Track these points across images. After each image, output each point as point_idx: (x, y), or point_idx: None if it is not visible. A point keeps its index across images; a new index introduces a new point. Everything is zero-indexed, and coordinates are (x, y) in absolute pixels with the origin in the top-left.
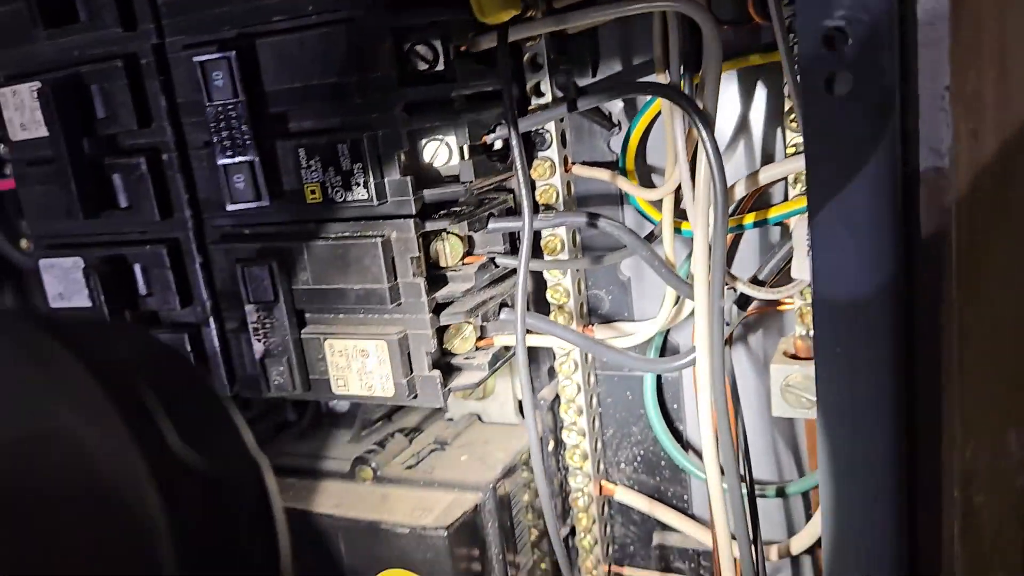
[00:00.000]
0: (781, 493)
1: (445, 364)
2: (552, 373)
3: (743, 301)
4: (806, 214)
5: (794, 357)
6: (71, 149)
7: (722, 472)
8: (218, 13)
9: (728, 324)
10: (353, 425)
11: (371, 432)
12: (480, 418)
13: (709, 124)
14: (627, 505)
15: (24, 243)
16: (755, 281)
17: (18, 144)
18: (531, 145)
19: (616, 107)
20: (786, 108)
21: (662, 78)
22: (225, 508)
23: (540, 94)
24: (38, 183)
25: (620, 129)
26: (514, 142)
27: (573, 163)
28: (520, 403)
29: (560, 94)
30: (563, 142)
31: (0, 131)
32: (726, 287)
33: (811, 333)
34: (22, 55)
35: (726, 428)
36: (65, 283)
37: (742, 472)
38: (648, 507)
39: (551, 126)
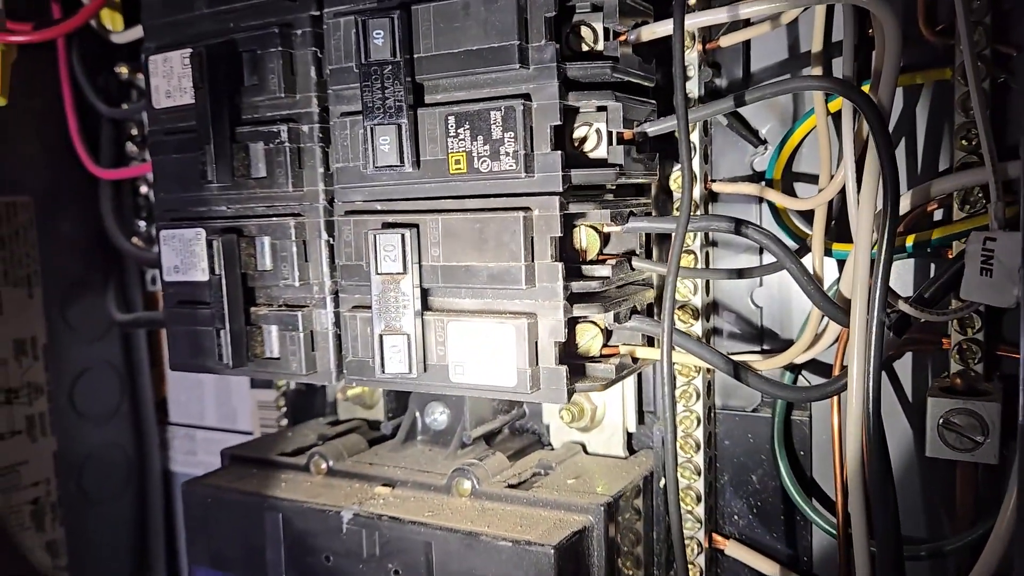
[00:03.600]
0: (935, 553)
1: (570, 363)
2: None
3: (899, 327)
4: (982, 231)
5: (953, 392)
6: (214, 113)
7: (870, 531)
8: None
9: None
10: (450, 444)
11: (468, 452)
12: (585, 449)
13: (884, 124)
14: (739, 562)
15: (136, 240)
16: (918, 303)
17: (159, 112)
18: (669, 155)
19: (766, 125)
20: (956, 124)
21: None
22: None
23: (688, 104)
24: (173, 151)
25: (767, 148)
26: (681, 128)
27: (713, 180)
28: (630, 436)
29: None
30: (705, 157)
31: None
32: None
33: (972, 371)
34: (179, 24)
35: (877, 476)
36: (183, 255)
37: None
38: (766, 566)
39: (695, 137)
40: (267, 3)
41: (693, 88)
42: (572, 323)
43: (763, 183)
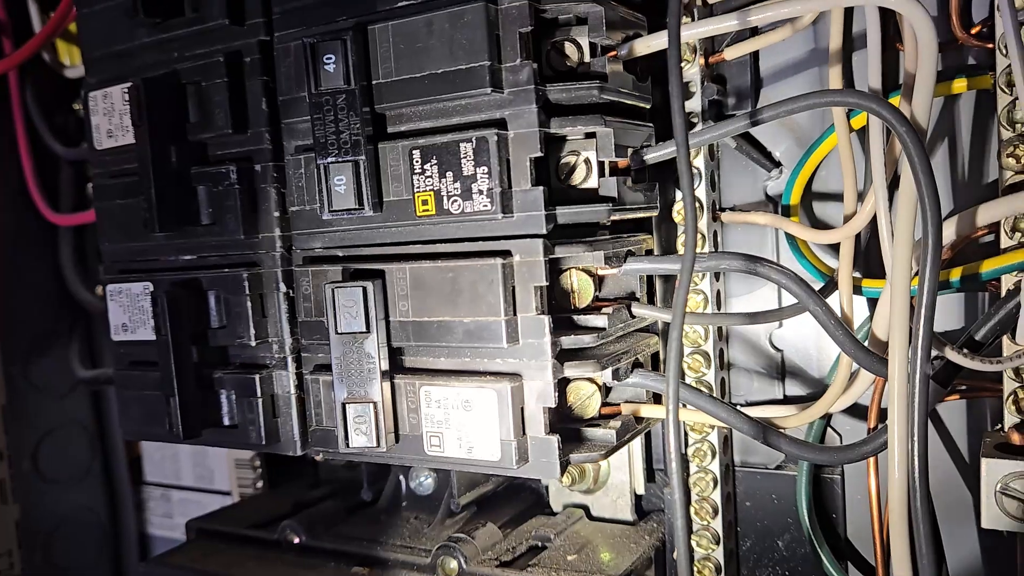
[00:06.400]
0: None
1: (563, 430)
2: (683, 463)
3: (944, 376)
4: None
5: (1010, 450)
6: (156, 154)
7: None
8: (335, 0)
9: None
10: (437, 512)
11: (457, 522)
12: (588, 513)
13: (921, 142)
14: None
15: (99, 290)
16: (967, 348)
17: (101, 154)
18: (673, 182)
19: (781, 146)
20: (1004, 138)
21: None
22: None
23: (690, 126)
24: (117, 197)
25: (781, 172)
26: (681, 155)
27: (722, 210)
28: (639, 499)
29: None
30: (712, 184)
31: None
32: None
33: None
34: (120, 56)
35: (931, 546)
36: (131, 312)
37: None
38: None
39: (699, 162)
40: (212, 29)
41: (696, 107)
42: (563, 384)
43: (780, 210)
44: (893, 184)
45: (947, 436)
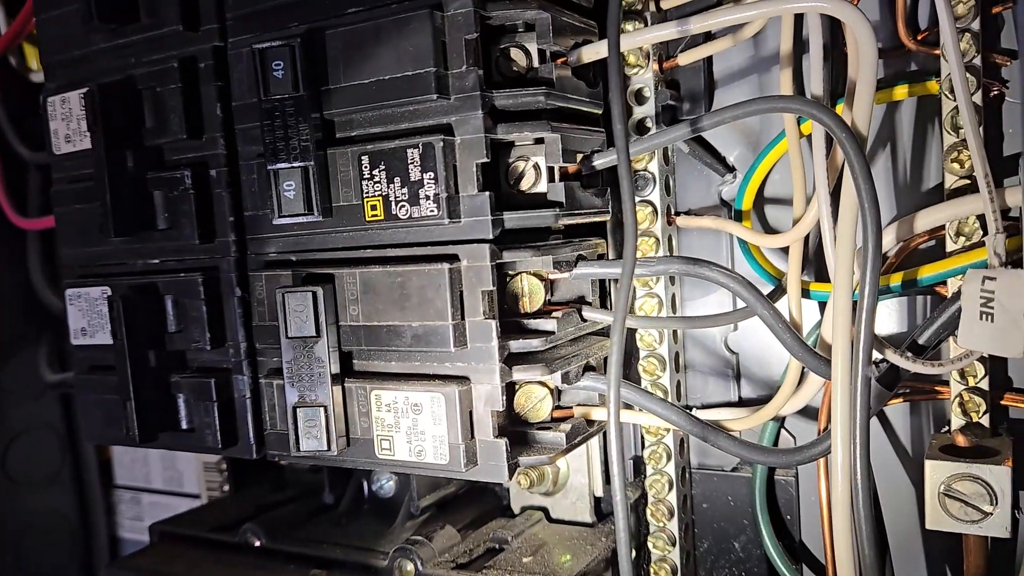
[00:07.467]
0: None
1: (513, 433)
2: (639, 466)
3: (889, 379)
4: (980, 269)
5: (955, 452)
6: (112, 159)
7: None
8: (287, 5)
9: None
10: (398, 515)
11: (417, 524)
12: (548, 515)
13: (861, 149)
14: None
15: None
16: (910, 351)
17: (61, 159)
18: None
19: (735, 151)
20: (946, 145)
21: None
22: None
23: (644, 131)
24: (75, 201)
25: (735, 177)
26: (622, 161)
27: (678, 214)
28: (598, 501)
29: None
30: (667, 189)
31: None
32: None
33: (977, 422)
34: (77, 62)
35: (873, 547)
36: (90, 316)
37: None
38: None
39: (654, 167)
40: (167, 35)
41: (649, 112)
42: (511, 388)
43: (733, 214)
44: (838, 189)
45: (894, 436)
